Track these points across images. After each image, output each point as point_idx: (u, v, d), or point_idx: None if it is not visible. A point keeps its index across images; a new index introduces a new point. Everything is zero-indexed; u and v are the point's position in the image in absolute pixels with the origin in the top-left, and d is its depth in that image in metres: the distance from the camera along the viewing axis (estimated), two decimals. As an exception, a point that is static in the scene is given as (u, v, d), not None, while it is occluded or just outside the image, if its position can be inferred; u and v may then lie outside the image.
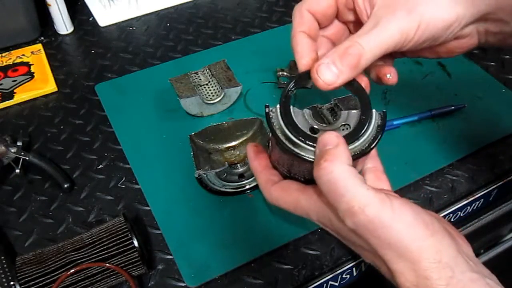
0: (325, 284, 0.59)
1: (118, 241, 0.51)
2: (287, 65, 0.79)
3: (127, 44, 0.85)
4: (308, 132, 0.38)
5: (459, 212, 0.68)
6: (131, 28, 0.89)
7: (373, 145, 0.38)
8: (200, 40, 0.86)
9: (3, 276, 0.52)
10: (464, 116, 0.72)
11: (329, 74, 0.37)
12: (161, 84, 0.74)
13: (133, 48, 0.85)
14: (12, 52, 0.82)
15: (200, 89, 0.73)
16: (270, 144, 0.43)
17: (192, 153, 0.64)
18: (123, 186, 0.64)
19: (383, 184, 0.40)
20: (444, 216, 0.66)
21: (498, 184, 0.68)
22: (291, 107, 0.39)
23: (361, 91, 0.40)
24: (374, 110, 0.39)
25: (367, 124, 0.38)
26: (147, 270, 0.54)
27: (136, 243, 0.51)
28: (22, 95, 0.75)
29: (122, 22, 0.90)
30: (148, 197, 0.62)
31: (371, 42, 0.37)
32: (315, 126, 0.40)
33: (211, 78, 0.74)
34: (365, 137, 0.38)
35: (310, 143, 0.37)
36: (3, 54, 0.82)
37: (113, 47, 0.85)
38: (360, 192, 0.32)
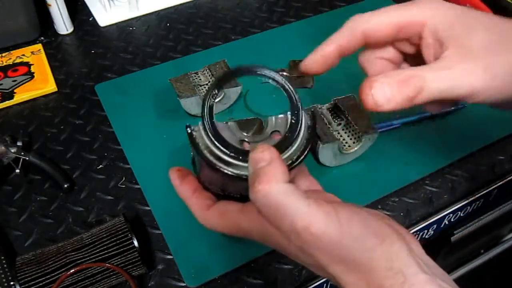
0: (325, 284, 0.59)
1: (118, 241, 0.51)
2: (287, 65, 0.79)
3: (127, 44, 0.85)
4: (238, 147, 0.35)
5: (459, 212, 0.68)
6: (131, 28, 0.89)
7: (307, 150, 0.35)
8: (200, 40, 0.86)
9: (3, 276, 0.52)
10: (464, 116, 0.72)
11: (380, 95, 0.33)
12: (161, 84, 0.74)
13: (133, 48, 0.85)
14: (12, 52, 0.82)
15: (200, 89, 0.73)
16: (196, 164, 0.39)
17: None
18: (123, 186, 0.64)
19: (315, 185, 0.38)
20: (444, 216, 0.66)
21: (498, 184, 0.68)
22: (215, 121, 0.35)
23: (287, 89, 0.37)
24: (302, 111, 0.35)
25: (298, 127, 0.35)
26: (147, 270, 0.54)
27: (136, 243, 0.51)
28: (22, 95, 0.75)
29: (122, 22, 0.90)
30: (148, 197, 0.62)
31: (438, 83, 0.33)
32: (244, 139, 0.37)
33: (211, 78, 0.74)
34: (298, 142, 0.35)
35: (243, 159, 0.34)
36: (3, 54, 0.81)
37: (113, 47, 0.85)
38: (302, 210, 0.30)
